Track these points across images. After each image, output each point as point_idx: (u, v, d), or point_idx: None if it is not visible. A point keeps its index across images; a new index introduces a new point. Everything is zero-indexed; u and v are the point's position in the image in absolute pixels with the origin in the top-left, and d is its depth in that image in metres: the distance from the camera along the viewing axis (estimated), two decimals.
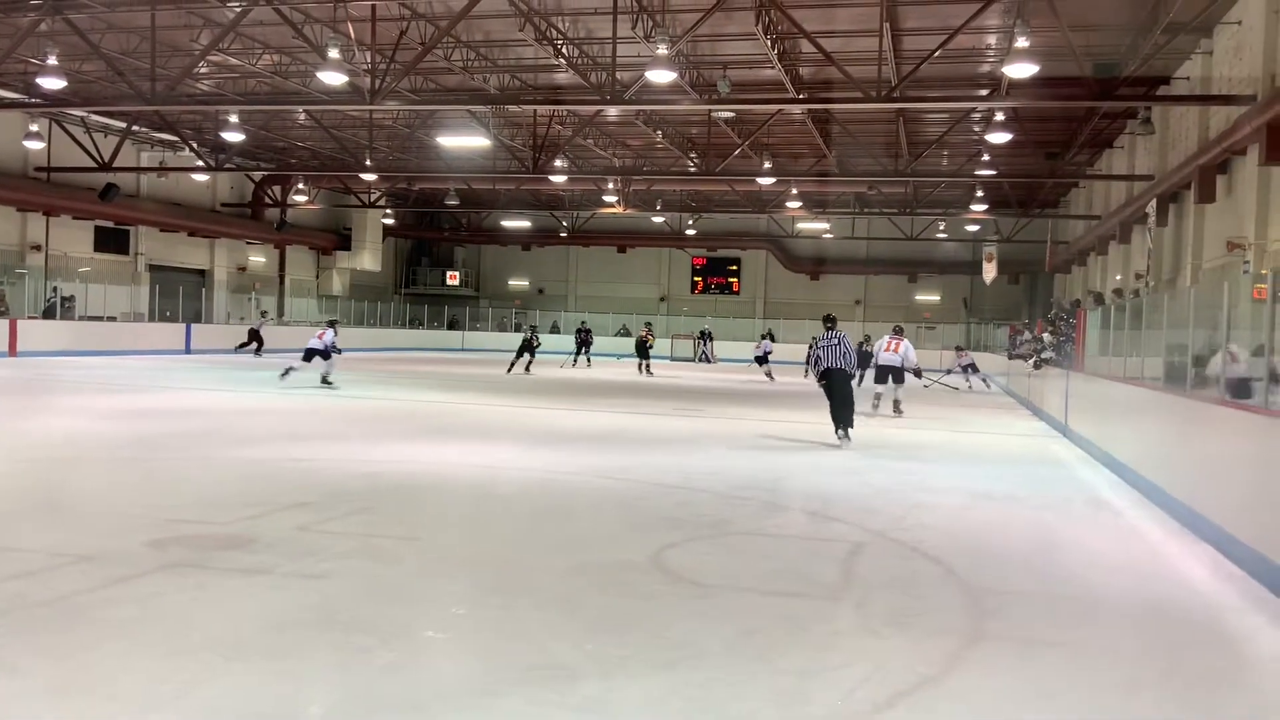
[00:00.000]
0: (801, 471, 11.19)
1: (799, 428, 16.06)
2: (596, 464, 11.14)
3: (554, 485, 9.72)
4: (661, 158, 36.72)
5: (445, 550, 6.85)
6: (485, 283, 56.70)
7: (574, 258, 54.94)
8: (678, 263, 53.83)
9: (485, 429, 14.48)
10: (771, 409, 17.83)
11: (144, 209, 37.49)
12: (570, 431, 14.47)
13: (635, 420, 16.65)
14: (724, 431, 15.37)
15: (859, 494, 9.73)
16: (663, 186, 40.55)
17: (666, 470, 10.86)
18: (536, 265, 55.63)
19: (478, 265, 56.74)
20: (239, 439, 12.09)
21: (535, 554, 6.81)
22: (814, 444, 13.93)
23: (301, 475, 9.60)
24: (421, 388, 22.80)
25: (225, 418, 14.56)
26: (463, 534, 7.43)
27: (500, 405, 18.50)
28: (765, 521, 8.28)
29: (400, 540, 7.05)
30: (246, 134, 31.16)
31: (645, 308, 52.62)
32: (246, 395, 18.97)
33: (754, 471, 10.99)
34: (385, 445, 12.13)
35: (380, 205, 45.14)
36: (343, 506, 8.16)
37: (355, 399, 18.93)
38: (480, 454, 11.68)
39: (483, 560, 6.59)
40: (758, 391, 25.08)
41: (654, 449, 12.73)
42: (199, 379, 23.09)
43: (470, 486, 9.46)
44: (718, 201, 44.73)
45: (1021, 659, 5.04)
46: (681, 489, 9.67)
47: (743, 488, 9.86)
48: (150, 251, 39.00)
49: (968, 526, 8.41)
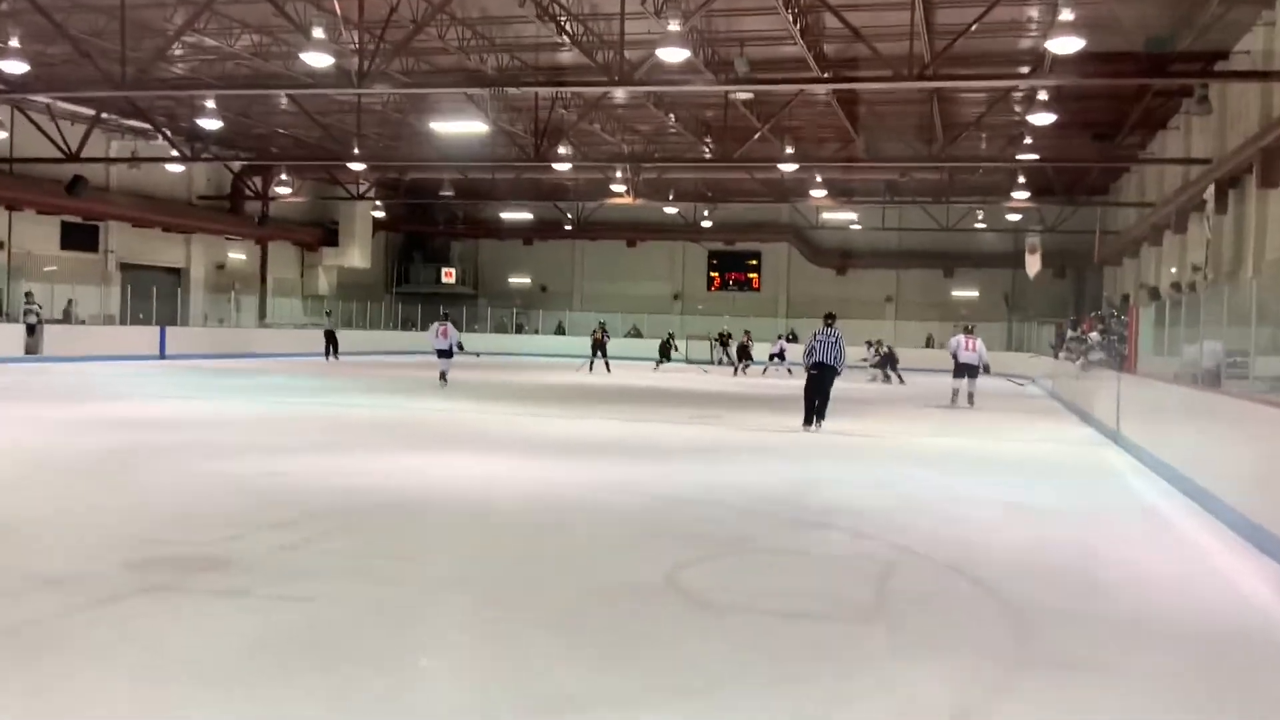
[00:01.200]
0: (828, 483, 11.22)
1: (826, 436, 16.12)
2: (606, 476, 11.15)
3: (560, 499, 9.72)
4: (674, 143, 36.76)
5: (441, 570, 6.89)
6: (484, 280, 56.73)
7: (580, 253, 54.87)
8: (693, 257, 53.68)
9: (484, 438, 14.50)
10: (795, 415, 17.80)
11: (114, 203, 37.73)
12: (577, 440, 14.51)
13: (648, 428, 16.69)
14: (744, 440, 15.41)
15: (890, 507, 9.73)
16: (676, 175, 40.59)
17: (681, 482, 10.88)
18: (539, 261, 55.50)
19: (475, 261, 56.78)
20: (217, 452, 12.14)
21: (540, 574, 6.86)
22: (843, 452, 13.98)
23: (285, 490, 9.65)
24: (414, 394, 22.83)
25: (202, 429, 14.62)
26: (460, 553, 7.46)
27: (500, 413, 18.54)
28: (789, 537, 8.30)
29: (392, 560, 7.10)
30: (224, 121, 31.26)
31: (657, 306, 52.67)
32: (224, 404, 19.05)
33: (777, 483, 11.00)
34: (375, 457, 12.19)
35: (370, 197, 45.30)
36: (329, 524, 8.19)
37: (343, 407, 19.00)
38: (479, 465, 11.73)
39: (482, 581, 6.64)
40: (779, 395, 25.00)
41: (668, 459, 12.76)
42: (174, 386, 23.16)
43: (468, 501, 9.46)
44: (736, 191, 44.74)
45: (1066, 686, 5.03)
46: (698, 502, 9.69)
47: (764, 501, 9.86)
48: (121, 248, 39.24)
49: (1008, 541, 8.43)
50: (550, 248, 54.86)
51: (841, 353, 16.43)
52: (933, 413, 21.62)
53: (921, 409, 22.45)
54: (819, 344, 16.43)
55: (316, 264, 48.91)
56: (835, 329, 16.56)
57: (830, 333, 16.50)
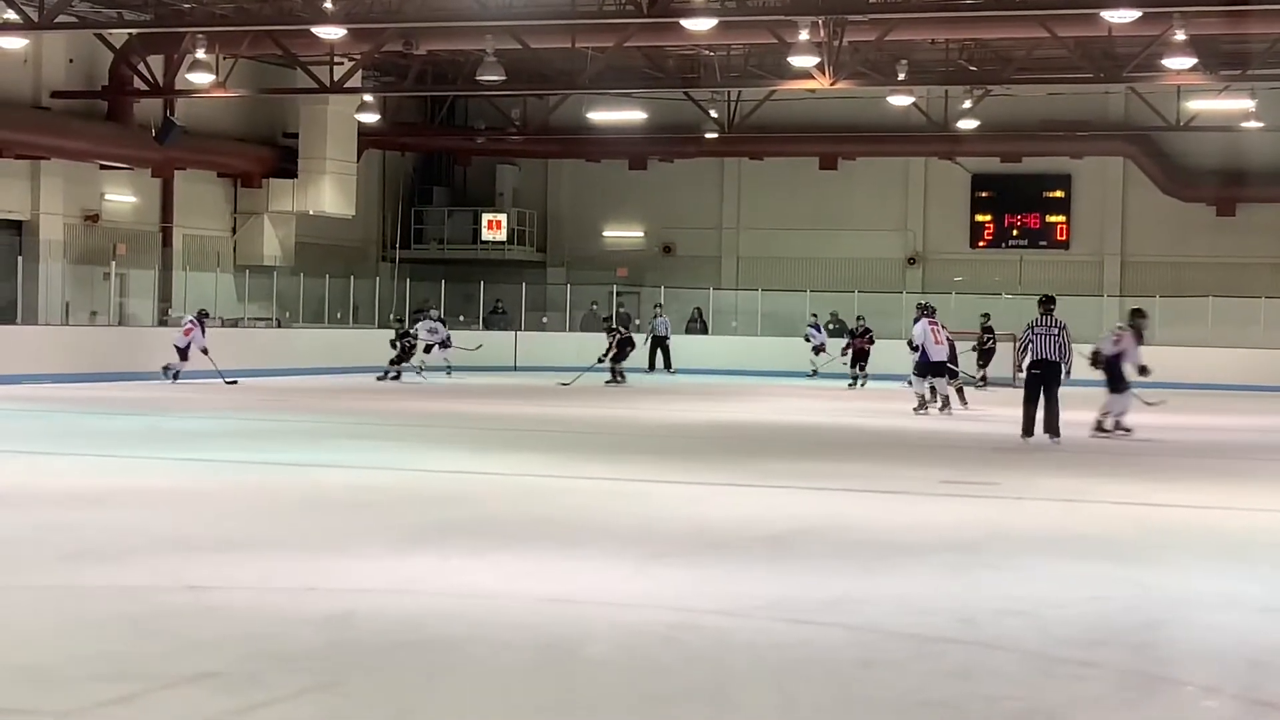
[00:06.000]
0: (1195, 604, 8.28)
1: (1189, 514, 12.07)
2: (775, 595, 8.37)
3: (694, 640, 7.30)
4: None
5: None
6: (558, 235, 38.55)
7: (733, 182, 37.16)
8: (942, 186, 35.86)
9: (552, 522, 11.06)
10: (1125, 478, 14.00)
11: None
12: (721, 526, 11.01)
13: (852, 504, 12.55)
14: (1036, 525, 11.53)
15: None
16: (908, 35, 25.68)
17: (921, 606, 8.12)
18: (659, 198, 37.36)
19: (543, 201, 38.58)
20: (90, 550, 9.52)
21: None
22: (1217, 549, 10.30)
23: (207, 618, 7.65)
24: (430, 442, 17.64)
25: (63, 509, 11.48)
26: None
27: (580, 475, 14.16)
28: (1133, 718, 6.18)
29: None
30: None
31: (879, 274, 35.68)
32: (102, 464, 14.73)
33: (1098, 606, 8.13)
34: (363, 558, 9.37)
35: (353, 88, 29.08)
36: (284, 680, 6.41)
37: (304, 467, 14.78)
38: (542, 574, 8.94)
39: None
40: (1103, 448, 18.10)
41: (892, 563, 9.46)
42: (10, 434, 17.76)
43: (525, 642, 7.17)
44: (1023, 64, 28.42)
45: None
46: (954, 643, 7.22)
47: (1079, 644, 7.20)
48: None
49: None
50: (679, 174, 36.56)
51: (1067, 346, 16.02)
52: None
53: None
54: (1037, 336, 16.07)
55: (259, 210, 32.70)
56: (1055, 317, 16.18)
57: (1051, 322, 16.10)
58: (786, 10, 22.23)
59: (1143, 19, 21.06)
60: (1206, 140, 32.02)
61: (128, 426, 18.58)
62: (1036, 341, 16.11)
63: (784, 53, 23.90)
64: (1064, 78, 28.59)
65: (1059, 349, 16.01)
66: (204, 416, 18.78)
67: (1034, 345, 16.11)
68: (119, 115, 28.97)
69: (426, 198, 38.51)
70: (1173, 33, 21.71)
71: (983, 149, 33.81)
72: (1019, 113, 32.40)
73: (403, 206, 37.59)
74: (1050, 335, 16.08)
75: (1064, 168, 34.61)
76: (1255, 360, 29.65)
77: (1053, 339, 16.06)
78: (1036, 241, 35.05)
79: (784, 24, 22.69)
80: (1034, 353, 16.05)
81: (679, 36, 24.33)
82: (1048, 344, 16.03)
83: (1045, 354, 15.99)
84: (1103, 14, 21.06)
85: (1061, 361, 16.02)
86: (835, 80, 24.44)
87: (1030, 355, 16.12)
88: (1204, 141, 32.21)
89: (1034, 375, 16.11)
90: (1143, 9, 20.25)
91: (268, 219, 32.80)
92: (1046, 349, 16.01)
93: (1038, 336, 16.13)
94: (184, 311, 28.61)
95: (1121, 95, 31.84)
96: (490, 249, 37.25)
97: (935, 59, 28.71)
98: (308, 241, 33.63)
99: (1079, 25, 23.65)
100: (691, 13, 21.09)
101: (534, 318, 35.83)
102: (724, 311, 35.38)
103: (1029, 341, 16.27)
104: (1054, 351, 16.00)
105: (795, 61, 23.55)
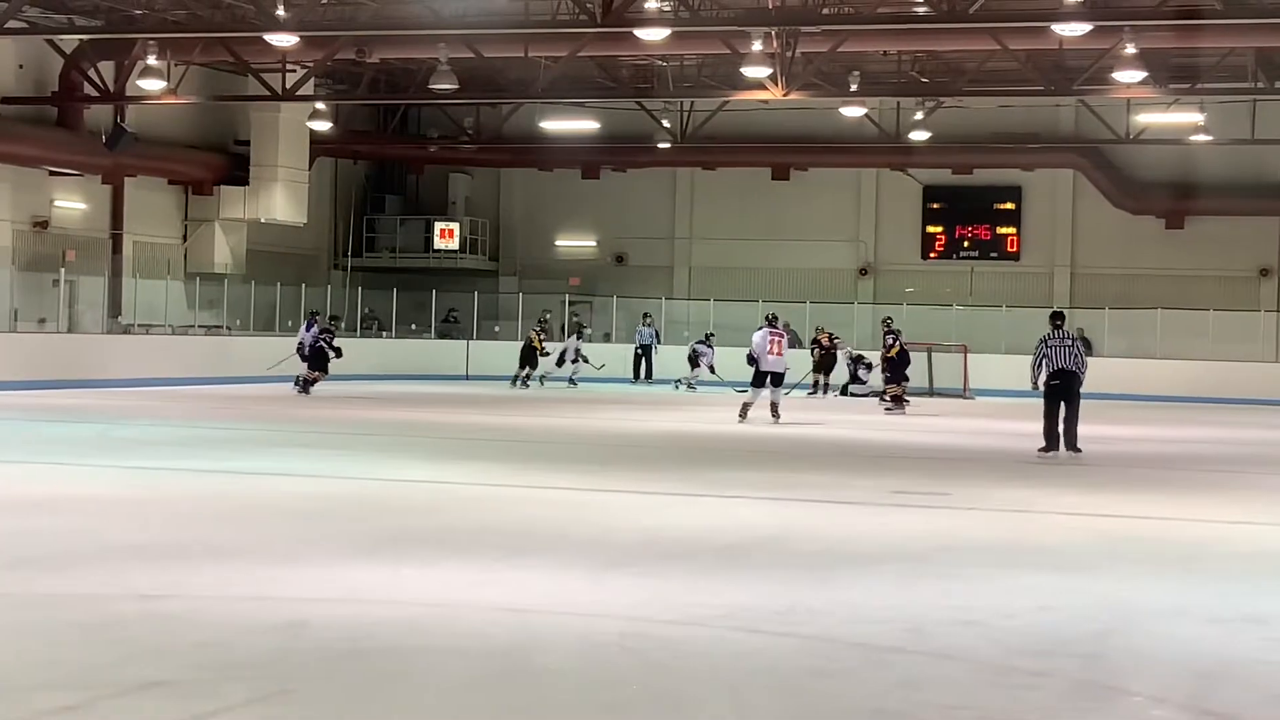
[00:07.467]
0: (1144, 614, 8.31)
1: (1138, 525, 12.21)
2: (729, 604, 8.37)
3: (648, 649, 7.33)
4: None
5: None
6: (511, 244, 39.00)
7: (685, 192, 37.65)
8: (894, 198, 36.29)
9: (507, 533, 11.04)
10: (1075, 489, 14.13)
11: None
12: (676, 536, 10.98)
13: (805, 514, 12.72)
14: (987, 536, 11.54)
15: (1264, 662, 7.17)
16: (861, 47, 26.26)
17: (873, 615, 8.14)
18: (612, 208, 37.86)
19: (496, 210, 39.04)
20: (40, 558, 9.46)
21: None
22: (1166, 560, 10.39)
23: (159, 626, 7.57)
24: (383, 451, 17.86)
25: (11, 515, 11.41)
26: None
27: (533, 485, 14.25)
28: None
29: None
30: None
31: (831, 285, 36.07)
32: (49, 473, 14.91)
33: (1049, 617, 8.16)
34: (315, 566, 9.38)
35: (306, 96, 29.97)
36: (234, 688, 6.36)
37: (256, 475, 14.81)
38: (495, 583, 8.91)
39: None
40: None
41: (844, 573, 9.50)
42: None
43: (478, 651, 7.18)
44: (974, 75, 28.95)
45: None
46: (906, 653, 7.29)
47: (1029, 653, 7.26)
48: None
49: None
50: (633, 184, 37.18)
51: (1082, 357, 16.27)
52: None
53: None
54: (1052, 349, 16.17)
55: (210, 217, 33.14)
56: (1066, 331, 16.61)
57: (1064, 335, 16.41)
58: (740, 21, 22.82)
59: (1093, 32, 21.52)
60: (1156, 153, 32.74)
61: (77, 434, 18.54)
62: (1053, 354, 16.20)
63: (737, 63, 24.29)
64: (1015, 90, 29.15)
65: (1075, 359, 16.17)
66: (155, 424, 18.73)
67: (1051, 358, 16.21)
68: (69, 121, 29.15)
69: (379, 206, 38.81)
70: (1123, 46, 22.14)
71: (934, 161, 34.15)
72: (970, 125, 32.68)
73: (355, 214, 38.01)
74: (1065, 346, 16.23)
75: (1015, 180, 35.05)
76: (1203, 372, 29.99)
77: (1068, 349, 16.22)
78: (987, 253, 35.46)
79: (737, 35, 23.25)
80: (1051, 365, 16.15)
81: (632, 46, 24.55)
82: (1064, 355, 16.14)
83: (1062, 364, 16.08)
84: (1054, 27, 21.40)
85: (1079, 371, 16.18)
86: (788, 91, 24.76)
87: (1047, 369, 16.21)
88: (1154, 154, 32.85)
89: (1053, 386, 16.21)
90: (1093, 22, 20.73)
91: (219, 226, 33.15)
92: (1063, 359, 16.11)
93: (1053, 349, 16.23)
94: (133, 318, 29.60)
95: (1072, 108, 32.43)
96: (443, 258, 37.49)
97: (887, 70, 29.24)
98: (259, 249, 33.94)
99: (1030, 38, 24.07)
100: (645, 23, 21.35)
101: (487, 327, 36.07)
102: (676, 321, 35.26)
103: (1044, 356, 16.36)
104: (1070, 361, 16.14)
105: (748, 72, 23.87)
